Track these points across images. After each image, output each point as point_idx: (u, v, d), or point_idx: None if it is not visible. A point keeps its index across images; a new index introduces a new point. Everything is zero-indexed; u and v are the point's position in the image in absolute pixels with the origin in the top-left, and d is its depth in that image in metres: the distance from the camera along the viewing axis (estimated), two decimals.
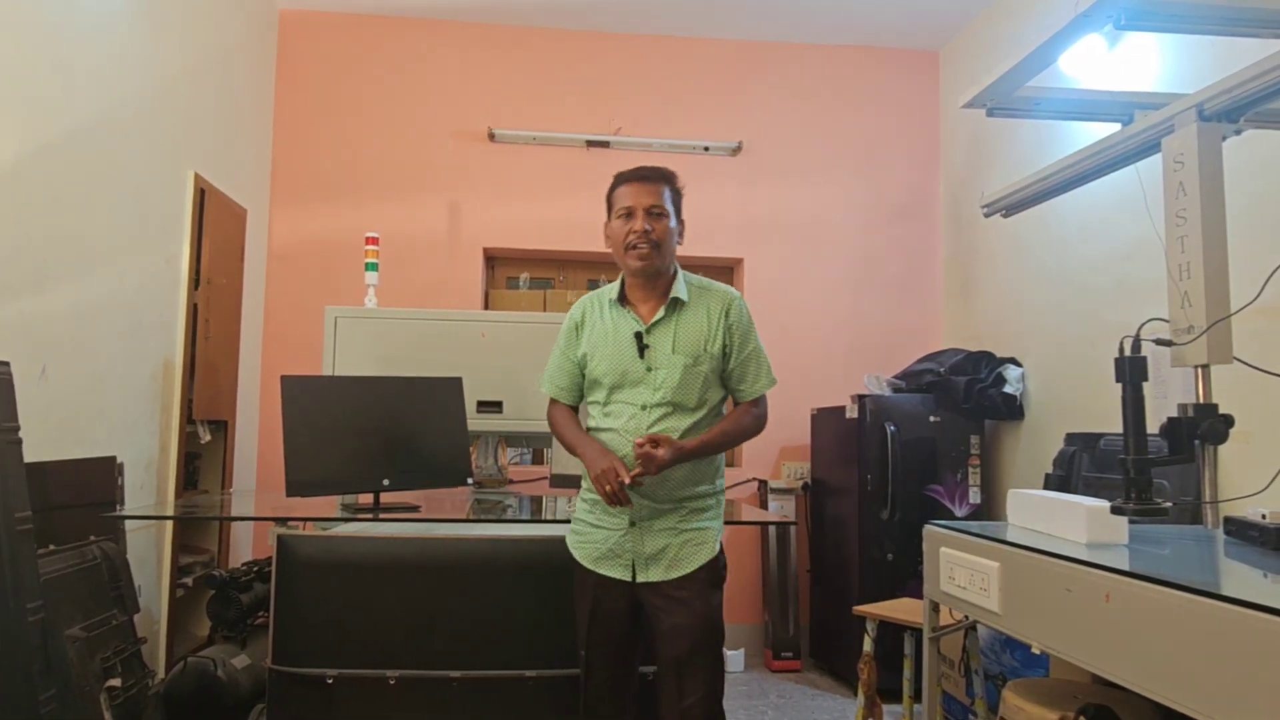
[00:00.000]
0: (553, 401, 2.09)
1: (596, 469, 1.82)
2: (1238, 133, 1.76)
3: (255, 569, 2.95)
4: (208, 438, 3.62)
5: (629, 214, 1.92)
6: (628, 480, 1.79)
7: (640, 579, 1.88)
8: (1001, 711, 1.85)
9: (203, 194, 3.52)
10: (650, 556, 1.87)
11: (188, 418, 3.42)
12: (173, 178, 3.34)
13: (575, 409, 2.08)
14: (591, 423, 2.00)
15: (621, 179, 1.99)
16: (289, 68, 4.42)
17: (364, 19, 4.46)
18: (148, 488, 3.19)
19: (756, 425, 1.97)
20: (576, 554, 1.98)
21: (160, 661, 3.18)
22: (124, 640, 2.43)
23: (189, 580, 3.44)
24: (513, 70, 4.52)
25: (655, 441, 1.80)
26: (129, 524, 2.91)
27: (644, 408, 1.88)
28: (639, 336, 1.91)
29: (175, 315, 3.37)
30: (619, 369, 1.91)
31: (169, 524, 3.29)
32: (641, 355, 1.90)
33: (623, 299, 1.98)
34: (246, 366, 4.06)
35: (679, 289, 1.93)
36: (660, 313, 1.92)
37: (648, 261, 1.89)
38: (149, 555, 3.19)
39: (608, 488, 1.79)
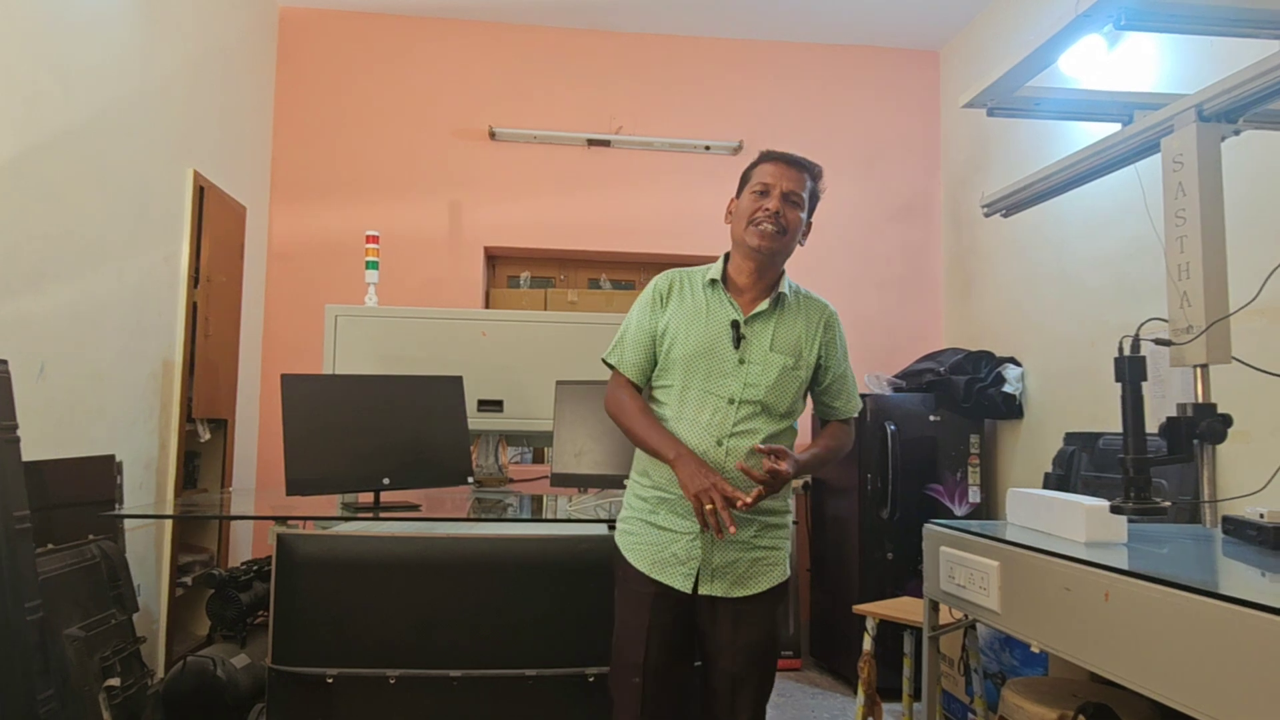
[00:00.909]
0: (616, 379, 1.86)
1: (695, 486, 1.60)
2: (1236, 133, 1.77)
3: (255, 568, 2.95)
4: (207, 436, 3.62)
5: (765, 191, 1.76)
6: (746, 503, 1.60)
7: (703, 591, 1.72)
8: (1001, 710, 1.86)
9: (202, 191, 3.52)
10: (718, 569, 1.72)
11: (187, 416, 3.42)
12: (172, 175, 3.34)
13: (640, 392, 1.86)
14: (658, 409, 1.80)
15: (768, 156, 1.80)
16: (289, 65, 4.42)
17: (364, 16, 4.46)
18: (147, 486, 3.19)
19: (847, 444, 1.88)
20: (631, 556, 1.78)
21: (160, 661, 3.19)
22: (123, 639, 2.43)
23: (188, 579, 3.44)
24: (514, 68, 4.52)
25: (777, 454, 1.63)
26: (128, 523, 2.91)
27: (731, 402, 1.72)
28: (735, 325, 1.75)
29: (175, 313, 3.37)
30: (708, 354, 1.74)
31: (168, 523, 3.29)
32: (737, 345, 1.74)
33: (719, 282, 1.82)
34: (246, 365, 4.06)
35: (787, 288, 1.82)
36: (764, 305, 1.77)
37: (769, 242, 1.73)
38: (148, 554, 3.19)
39: (708, 507, 1.58)
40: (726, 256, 1.87)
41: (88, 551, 2.43)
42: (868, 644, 2.77)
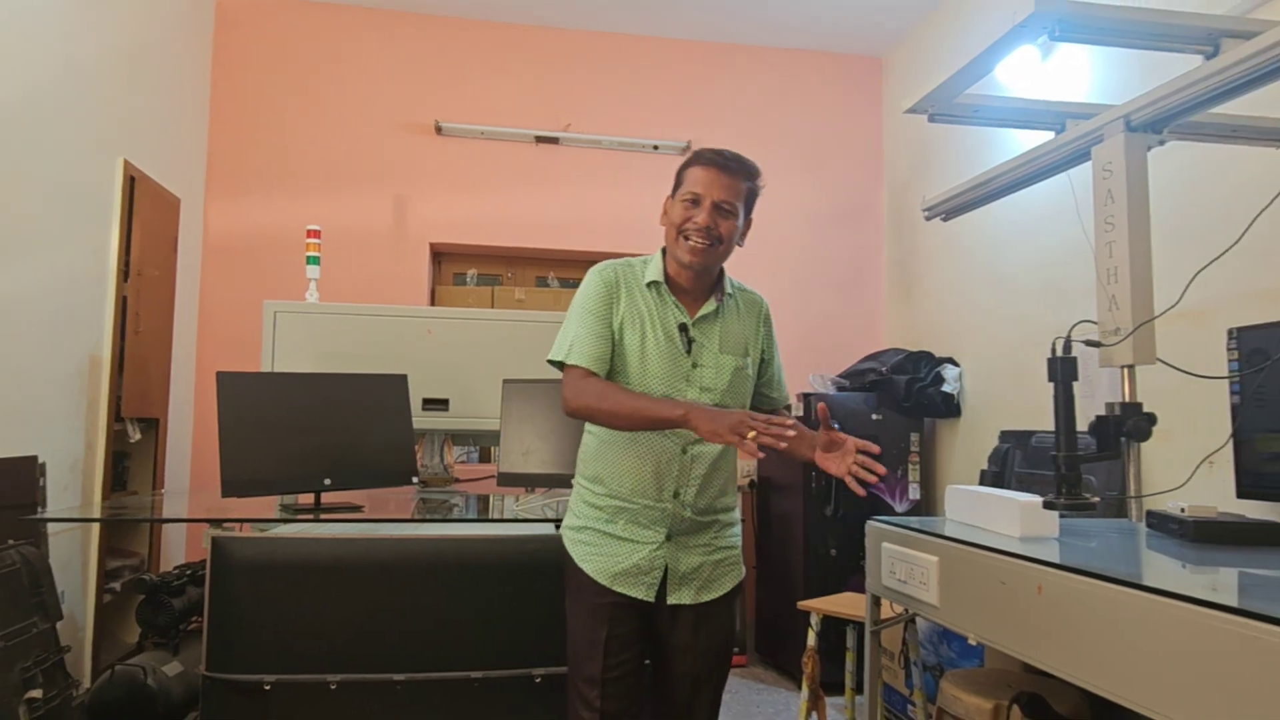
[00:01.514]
0: (572, 374, 1.72)
1: (726, 425, 1.49)
2: (1161, 143, 1.84)
3: (189, 572, 2.86)
4: (137, 436, 3.49)
5: (696, 201, 1.69)
6: (787, 432, 1.50)
7: (671, 600, 1.69)
8: (939, 701, 1.90)
9: (133, 182, 3.39)
10: (684, 576, 1.70)
11: (116, 415, 3.29)
12: (100, 164, 3.21)
13: None
14: None
15: (700, 159, 1.72)
16: (226, 53, 4.29)
17: (306, 5, 4.36)
18: (72, 489, 3.06)
19: None
20: (588, 567, 1.70)
21: (85, 671, 3.06)
22: (45, 649, 2.33)
23: (117, 585, 3.32)
24: (461, 63, 4.47)
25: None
26: (52, 527, 2.79)
27: None
28: (684, 328, 1.71)
29: (103, 308, 3.24)
30: (661, 359, 1.69)
31: (95, 527, 3.17)
32: (688, 350, 1.70)
33: (660, 283, 1.75)
34: (180, 362, 3.93)
35: (729, 287, 1.80)
36: (711, 306, 1.74)
37: (699, 259, 1.68)
38: (73, 559, 3.07)
39: (751, 435, 1.47)
40: (664, 252, 1.79)
41: (7, 557, 2.33)
42: (812, 639, 2.81)
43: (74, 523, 3.05)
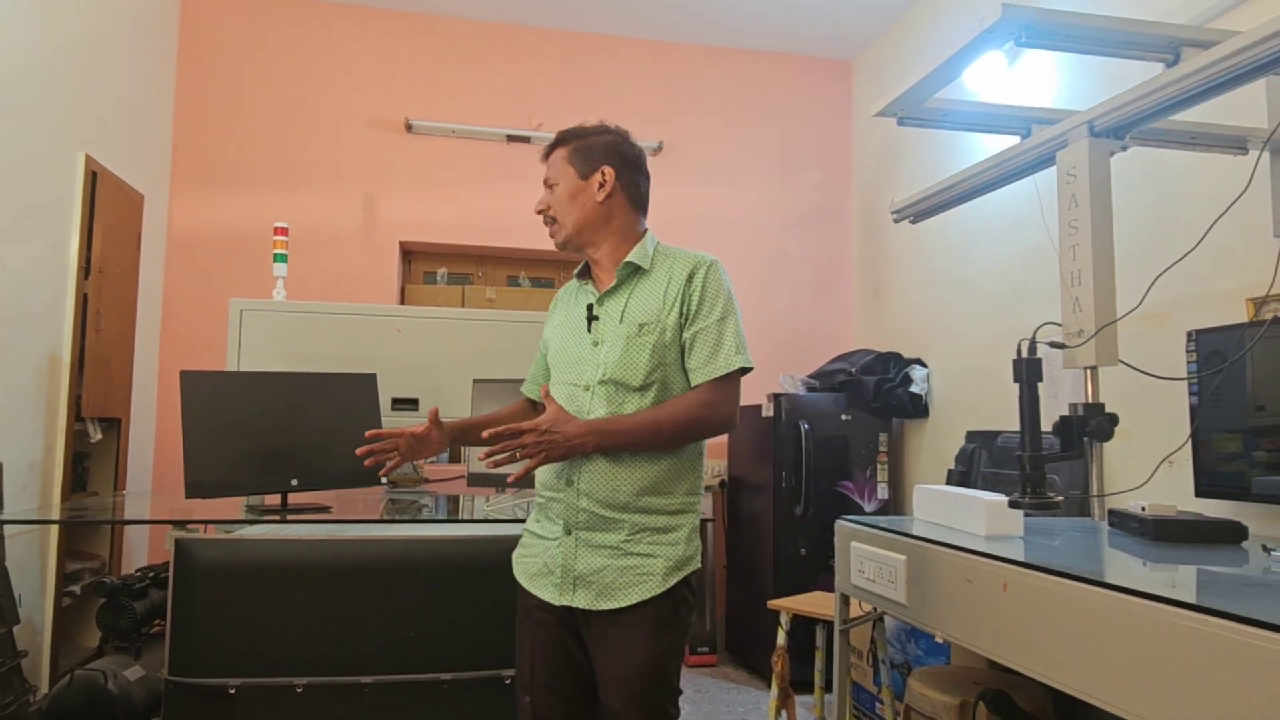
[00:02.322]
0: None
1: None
2: (1124, 149, 1.88)
3: (151, 575, 2.80)
4: (98, 436, 3.42)
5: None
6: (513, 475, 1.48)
7: (563, 601, 1.54)
8: (906, 699, 1.93)
9: (95, 177, 3.32)
10: (580, 576, 1.53)
11: (76, 415, 3.22)
12: (61, 159, 3.13)
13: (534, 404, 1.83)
14: None
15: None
16: (192, 47, 4.21)
17: (273, 0, 4.29)
18: (31, 490, 2.99)
19: (704, 414, 1.54)
20: (515, 570, 1.67)
21: (43, 676, 2.99)
22: (1, 654, 2.28)
23: (76, 588, 3.24)
24: (431, 60, 4.43)
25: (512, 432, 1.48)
26: (9, 529, 2.72)
27: (585, 388, 1.58)
28: (589, 308, 1.64)
29: (63, 306, 3.17)
30: (567, 345, 1.65)
31: (54, 529, 3.09)
32: (590, 329, 1.62)
33: (585, 272, 1.72)
34: (142, 361, 3.85)
35: (639, 254, 1.62)
36: (614, 279, 1.62)
37: (556, 239, 1.66)
38: (31, 562, 2.99)
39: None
40: None
41: None
42: (781, 638, 2.83)
43: (32, 524, 2.98)
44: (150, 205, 3.88)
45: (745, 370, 1.58)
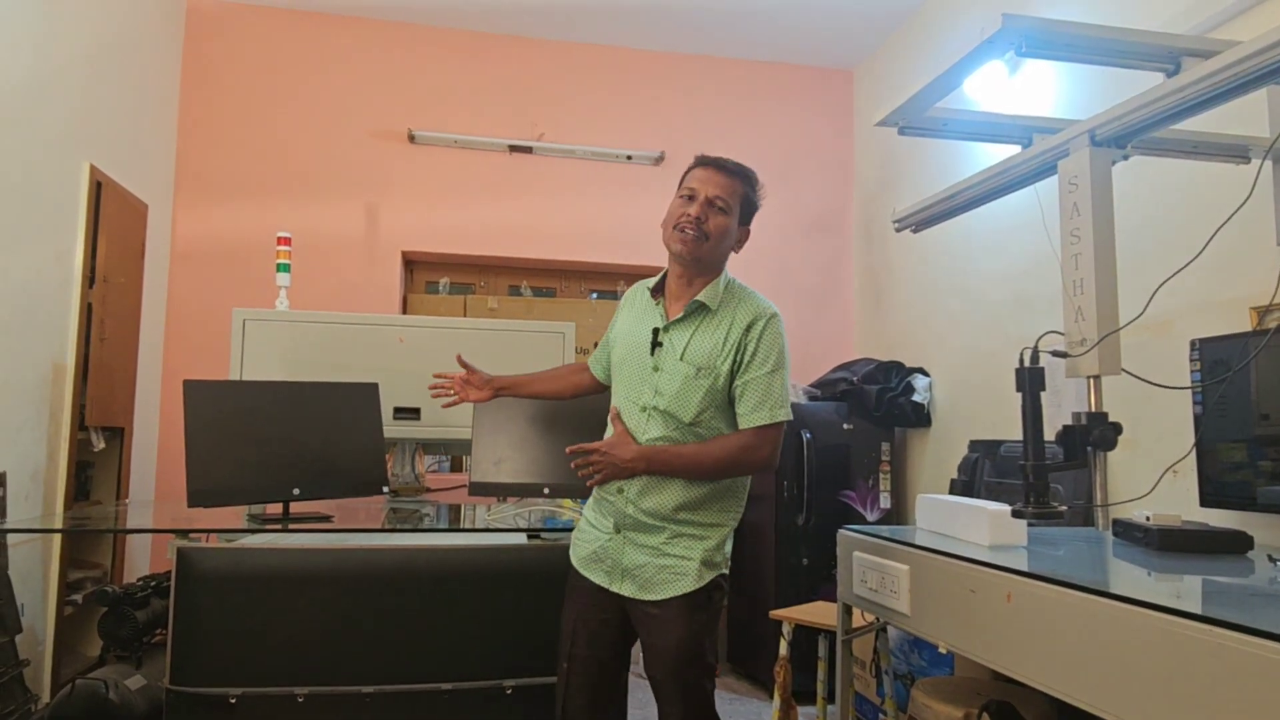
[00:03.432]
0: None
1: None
2: (1125, 158, 1.88)
3: (153, 584, 2.80)
4: (101, 445, 3.42)
5: (691, 197, 1.79)
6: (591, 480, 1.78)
7: (614, 589, 1.79)
8: (910, 710, 1.92)
9: (99, 187, 3.33)
10: (626, 569, 1.77)
11: (79, 424, 3.22)
12: (66, 168, 3.15)
13: (600, 383, 2.07)
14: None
15: (700, 161, 1.85)
16: (196, 59, 4.24)
17: (279, 12, 4.32)
18: (33, 499, 2.99)
19: (745, 456, 1.73)
20: (571, 554, 1.91)
21: (45, 685, 2.98)
22: (3, 663, 2.27)
23: (79, 597, 3.24)
24: (434, 71, 4.45)
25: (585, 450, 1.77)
26: (12, 538, 2.72)
27: (642, 409, 1.78)
28: (655, 332, 1.80)
29: (67, 315, 3.18)
30: (629, 359, 1.83)
31: (57, 538, 3.09)
32: (652, 353, 1.79)
33: (658, 290, 1.87)
34: (146, 370, 3.86)
35: (710, 294, 1.78)
36: (681, 313, 1.79)
37: (689, 248, 1.76)
38: (34, 571, 2.99)
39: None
40: None
41: None
42: (784, 648, 2.82)
43: (35, 533, 2.97)
44: (154, 215, 3.90)
45: (786, 422, 1.76)
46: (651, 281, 1.90)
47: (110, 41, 3.47)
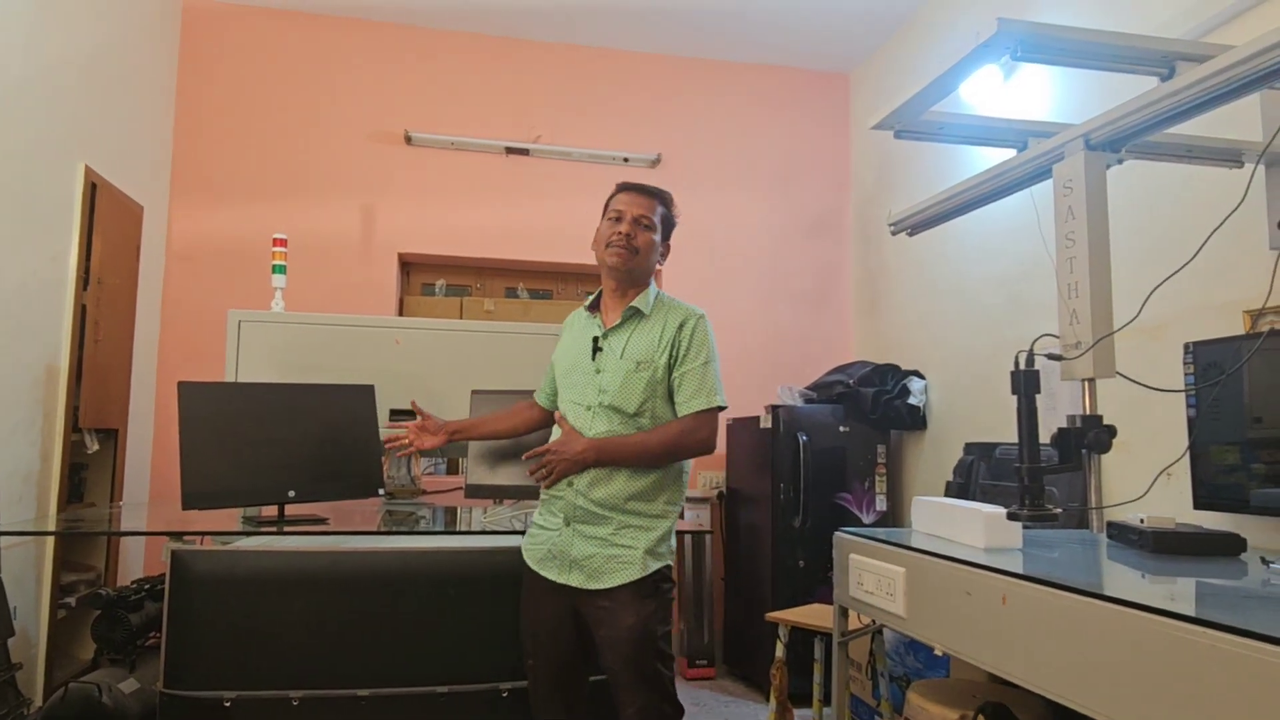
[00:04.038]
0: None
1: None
2: (1120, 162, 1.89)
3: (146, 587, 2.79)
4: (95, 447, 3.41)
5: (618, 218, 1.98)
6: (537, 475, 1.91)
7: (562, 580, 1.88)
8: (905, 712, 1.92)
9: (94, 188, 3.32)
10: (575, 560, 1.87)
11: (73, 426, 3.21)
12: (61, 170, 3.14)
13: (548, 414, 2.19)
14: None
15: (622, 187, 2.04)
16: (192, 60, 4.23)
17: (274, 13, 4.31)
18: (26, 501, 2.98)
19: (684, 439, 1.89)
20: (525, 557, 2.00)
21: (38, 689, 2.97)
22: None
23: (72, 600, 3.23)
24: (431, 73, 4.45)
25: (540, 452, 1.91)
26: (4, 540, 2.71)
27: (587, 408, 1.93)
28: (595, 340, 1.98)
29: (61, 316, 3.17)
30: (573, 369, 1.99)
31: (50, 540, 3.08)
32: (594, 357, 1.96)
33: (594, 306, 2.05)
34: (141, 372, 3.85)
35: (642, 301, 1.98)
36: (619, 319, 1.97)
37: (623, 261, 1.95)
38: (26, 574, 2.98)
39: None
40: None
41: None
42: (780, 651, 2.82)
43: (28, 536, 2.96)
44: (150, 216, 3.89)
45: (721, 408, 1.92)
46: (587, 301, 2.09)
47: (106, 42, 3.46)
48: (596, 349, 1.96)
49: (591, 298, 2.08)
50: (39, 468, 3.06)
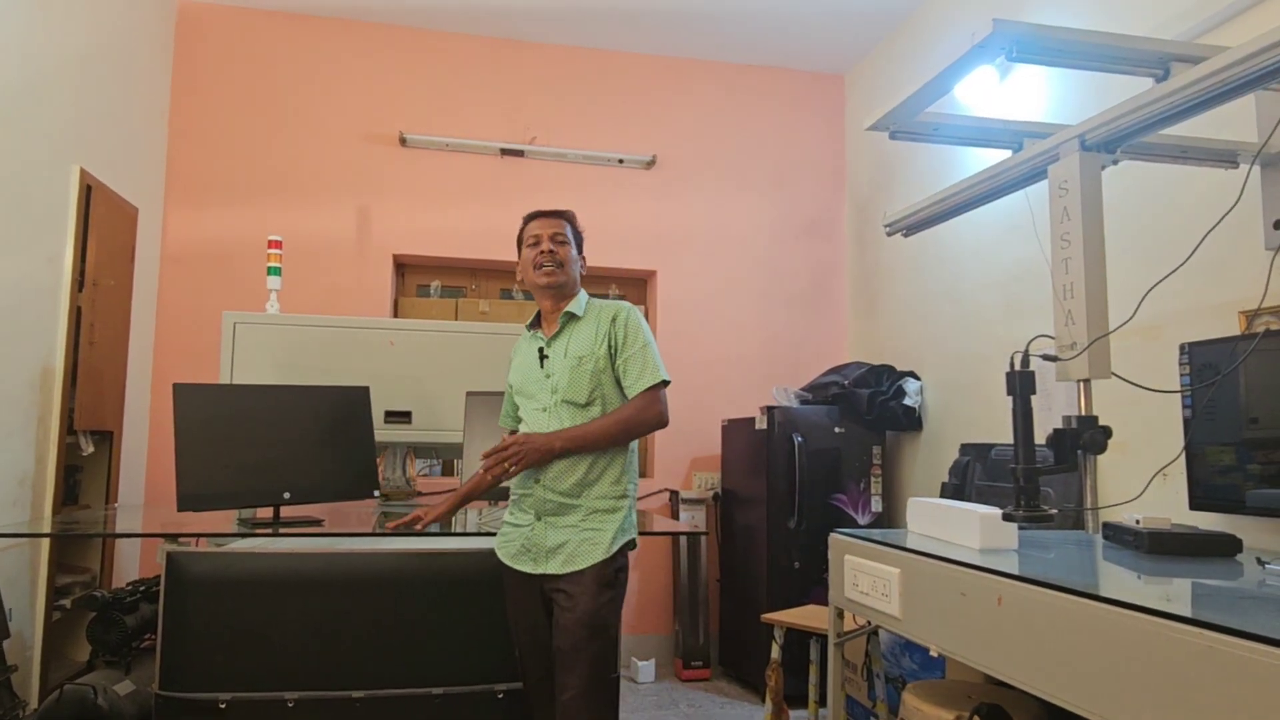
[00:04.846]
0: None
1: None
2: (1115, 163, 1.90)
3: (142, 589, 2.78)
4: (90, 449, 3.40)
5: (536, 242, 2.15)
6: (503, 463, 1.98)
7: (539, 570, 1.98)
8: (901, 713, 1.92)
9: (89, 190, 3.31)
10: (550, 550, 1.98)
11: (68, 428, 3.20)
12: (55, 172, 3.13)
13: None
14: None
15: (529, 218, 2.23)
16: (187, 61, 4.22)
17: (269, 15, 4.31)
18: (21, 503, 2.97)
19: (639, 415, 2.04)
20: (499, 554, 2.07)
21: (33, 691, 2.96)
22: None
23: (67, 602, 3.22)
24: (425, 74, 4.45)
25: (496, 451, 1.99)
26: None
27: (544, 409, 2.07)
28: (540, 350, 2.13)
29: (56, 319, 3.16)
30: (527, 380, 2.14)
31: (45, 542, 3.07)
32: (542, 365, 2.11)
33: (534, 324, 2.20)
34: (136, 374, 3.84)
35: (575, 305, 2.13)
36: (557, 326, 2.12)
37: (553, 278, 2.10)
38: (21, 576, 2.97)
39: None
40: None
41: None
42: (775, 652, 2.82)
43: (22, 538, 2.95)
44: (144, 218, 3.88)
45: (665, 383, 2.06)
46: (527, 323, 2.23)
47: (101, 44, 3.45)
48: (544, 357, 2.11)
49: (531, 318, 2.22)
50: (34, 470, 3.05)
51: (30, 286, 2.99)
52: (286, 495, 2.32)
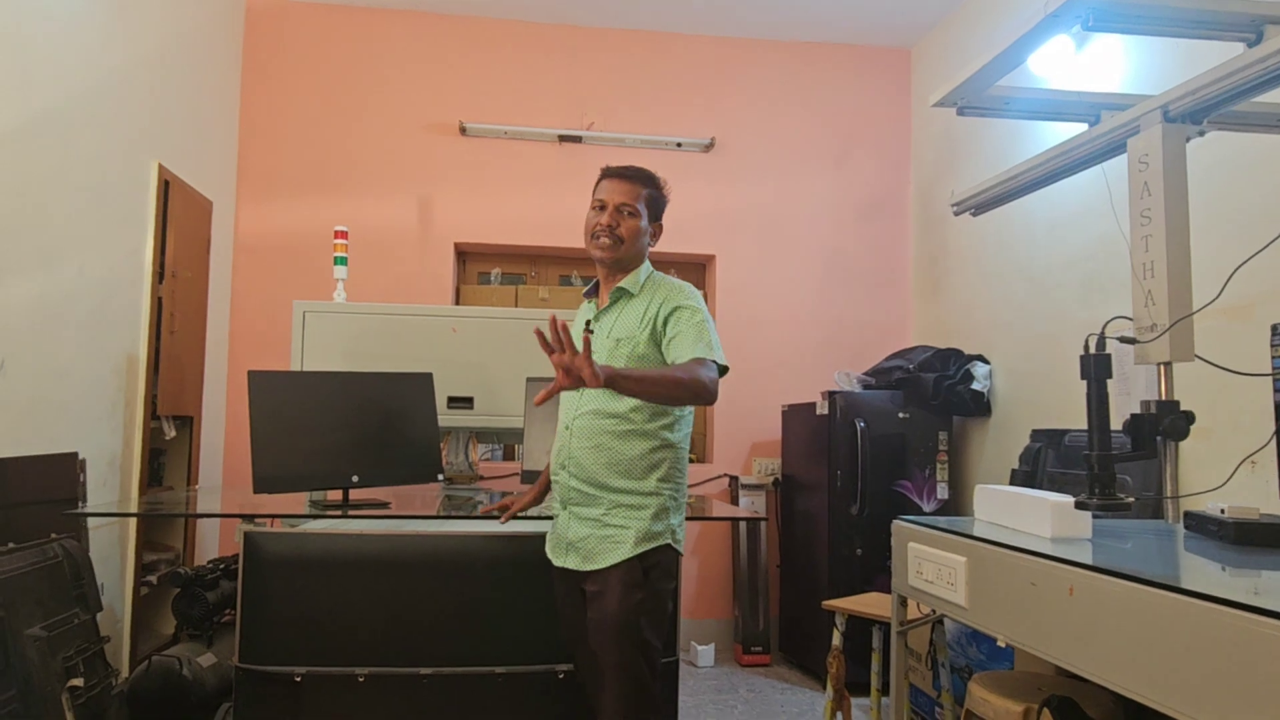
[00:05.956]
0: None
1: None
2: (1201, 134, 1.80)
3: (222, 566, 2.91)
4: (172, 434, 3.55)
5: (601, 207, 1.97)
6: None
7: (560, 563, 1.93)
8: (967, 704, 1.88)
9: (167, 185, 3.45)
10: (571, 543, 1.90)
11: (152, 413, 3.35)
12: (136, 168, 3.27)
13: None
14: None
15: (604, 173, 2.02)
16: (255, 57, 4.35)
17: (333, 8, 4.40)
18: (110, 484, 3.13)
19: (687, 376, 1.76)
20: (546, 546, 2.04)
21: (124, 661, 3.13)
22: (86, 639, 2.38)
23: (153, 578, 3.39)
24: (484, 63, 4.49)
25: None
26: (91, 521, 2.85)
27: (579, 392, 1.92)
28: (587, 323, 2.02)
29: (139, 309, 3.30)
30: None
31: (133, 521, 3.23)
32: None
33: (591, 292, 2.09)
34: (212, 361, 3.99)
35: (630, 282, 1.97)
36: (608, 301, 2.00)
37: (606, 253, 1.95)
38: (112, 553, 3.13)
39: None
40: None
41: (50, 550, 2.38)
42: (836, 639, 2.79)
43: (113, 517, 3.11)
44: (218, 211, 4.02)
45: (722, 368, 1.83)
46: (585, 289, 2.11)
47: (174, 44, 3.58)
48: (589, 330, 1.93)
49: (589, 285, 2.09)
50: (122, 453, 3.20)
51: (115, 279, 3.13)
52: (355, 478, 2.38)
